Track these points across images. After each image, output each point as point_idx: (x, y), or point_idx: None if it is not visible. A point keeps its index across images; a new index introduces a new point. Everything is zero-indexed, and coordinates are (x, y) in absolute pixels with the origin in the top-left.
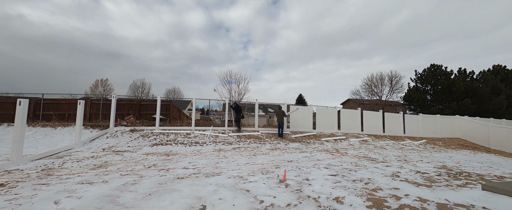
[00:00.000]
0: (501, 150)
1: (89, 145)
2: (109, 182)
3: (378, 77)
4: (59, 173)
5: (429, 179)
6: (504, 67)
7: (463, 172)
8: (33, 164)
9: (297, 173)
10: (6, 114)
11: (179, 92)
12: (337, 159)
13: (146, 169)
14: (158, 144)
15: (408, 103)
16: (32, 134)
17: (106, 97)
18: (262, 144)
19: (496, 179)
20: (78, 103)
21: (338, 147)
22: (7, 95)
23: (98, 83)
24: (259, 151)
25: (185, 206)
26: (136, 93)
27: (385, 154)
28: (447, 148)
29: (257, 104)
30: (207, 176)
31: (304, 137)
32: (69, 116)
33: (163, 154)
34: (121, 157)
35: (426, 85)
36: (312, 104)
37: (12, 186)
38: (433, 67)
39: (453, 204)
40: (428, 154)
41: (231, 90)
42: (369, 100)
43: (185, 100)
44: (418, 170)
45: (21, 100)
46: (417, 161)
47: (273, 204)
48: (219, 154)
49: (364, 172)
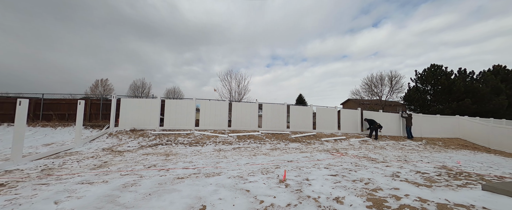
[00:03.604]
0: (501, 150)
1: (89, 145)
2: (109, 182)
3: (378, 77)
4: (59, 173)
5: (429, 179)
6: (504, 67)
7: (463, 172)
8: (33, 164)
9: (297, 173)
10: (6, 114)
11: (179, 92)
12: (337, 159)
13: (146, 169)
14: (158, 144)
15: (408, 103)
16: (32, 134)
17: (106, 97)
18: (262, 144)
19: (496, 179)
20: (78, 103)
21: (338, 147)
22: (7, 95)
23: (98, 83)
24: (259, 151)
25: (185, 206)
26: (136, 93)
27: (385, 154)
28: (447, 148)
29: (257, 104)
30: (207, 176)
31: (304, 137)
32: (69, 116)
33: (163, 154)
34: (121, 157)
35: (426, 85)
36: (312, 104)
37: (12, 186)
38: (433, 67)
39: (453, 204)
40: (428, 154)
41: (231, 90)
42: (369, 100)
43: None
44: (418, 170)
45: (21, 100)
46: (417, 161)
47: (273, 204)
48: (219, 154)
49: (364, 172)
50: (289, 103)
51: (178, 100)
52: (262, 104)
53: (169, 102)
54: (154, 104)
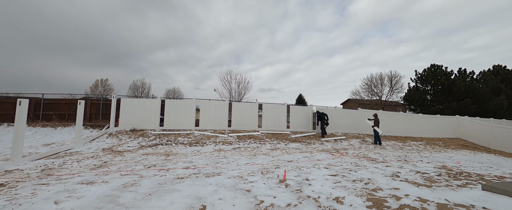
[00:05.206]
0: (501, 150)
1: (89, 145)
2: (109, 182)
3: (378, 77)
4: (59, 173)
5: (429, 179)
6: (504, 67)
7: (463, 172)
8: (33, 164)
9: (297, 173)
10: (6, 114)
11: (179, 92)
12: (337, 159)
13: (146, 169)
14: (158, 144)
15: (408, 103)
16: (32, 134)
17: (106, 97)
18: (262, 144)
19: (496, 179)
20: (78, 103)
21: (338, 147)
22: (7, 95)
23: (98, 83)
24: (259, 151)
25: (185, 206)
26: (136, 93)
27: (385, 154)
28: (447, 148)
29: (257, 104)
30: (207, 176)
31: (304, 137)
32: (69, 116)
33: (163, 154)
34: (121, 157)
35: (426, 85)
36: (312, 104)
37: (12, 186)
38: (433, 67)
39: (453, 204)
40: (428, 154)
41: (231, 90)
42: (369, 100)
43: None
44: (418, 170)
45: (21, 100)
46: (417, 161)
47: (273, 204)
48: (219, 154)
49: (364, 172)
50: (289, 103)
51: (178, 100)
52: (262, 104)
53: (169, 102)
54: (154, 104)
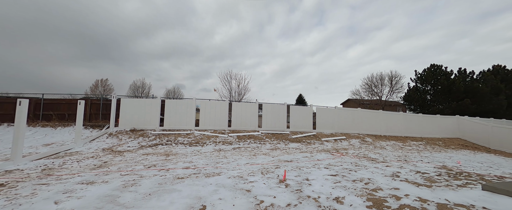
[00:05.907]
0: (501, 150)
1: (89, 145)
2: (109, 182)
3: (378, 77)
4: (59, 173)
5: (429, 179)
6: (504, 67)
7: (463, 172)
8: (33, 164)
9: (297, 173)
10: (6, 114)
11: (179, 92)
12: (337, 159)
13: (146, 169)
14: (158, 144)
15: (408, 103)
16: (32, 134)
17: (106, 97)
18: (262, 144)
19: (496, 179)
20: (78, 103)
21: (338, 147)
22: (7, 95)
23: (98, 83)
24: (259, 151)
25: (185, 206)
26: (136, 93)
27: (385, 154)
28: (447, 148)
29: (257, 104)
30: (207, 176)
31: (304, 137)
32: (69, 116)
33: (163, 154)
34: (121, 157)
35: (426, 85)
36: (312, 104)
37: (12, 186)
38: (433, 67)
39: (453, 204)
40: (428, 154)
41: (231, 90)
42: (369, 100)
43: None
44: (418, 170)
45: (21, 100)
46: (417, 161)
47: (273, 204)
48: (219, 154)
49: (364, 172)
50: (289, 103)
51: (178, 100)
52: (262, 104)
53: (169, 102)
54: (154, 104)
